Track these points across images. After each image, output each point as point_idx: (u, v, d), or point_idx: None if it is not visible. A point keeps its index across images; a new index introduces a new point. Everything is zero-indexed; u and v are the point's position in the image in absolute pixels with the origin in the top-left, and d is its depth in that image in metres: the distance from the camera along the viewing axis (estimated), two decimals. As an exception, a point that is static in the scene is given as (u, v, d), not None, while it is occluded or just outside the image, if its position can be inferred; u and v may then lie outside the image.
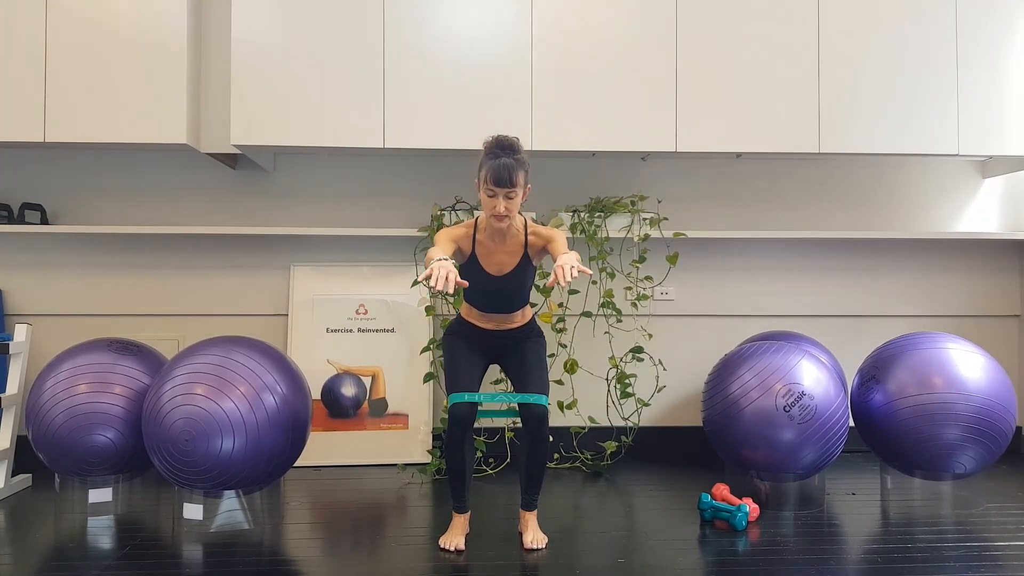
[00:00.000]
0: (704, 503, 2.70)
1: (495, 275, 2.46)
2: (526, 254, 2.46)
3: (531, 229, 2.46)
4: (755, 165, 3.74)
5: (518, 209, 2.39)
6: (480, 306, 2.53)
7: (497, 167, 2.29)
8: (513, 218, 2.39)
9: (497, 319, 2.55)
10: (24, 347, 3.08)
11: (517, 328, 2.57)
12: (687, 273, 3.68)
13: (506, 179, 2.29)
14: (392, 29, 3.19)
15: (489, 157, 2.33)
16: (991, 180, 3.80)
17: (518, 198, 2.34)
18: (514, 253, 2.46)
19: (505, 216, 2.34)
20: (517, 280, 2.47)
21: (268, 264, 3.60)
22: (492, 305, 2.51)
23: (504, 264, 2.46)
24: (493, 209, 2.33)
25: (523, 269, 2.47)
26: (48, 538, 2.53)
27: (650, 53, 3.25)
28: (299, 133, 3.17)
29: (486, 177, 2.31)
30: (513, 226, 2.44)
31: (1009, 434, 2.75)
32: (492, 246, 2.45)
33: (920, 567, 2.27)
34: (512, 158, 2.31)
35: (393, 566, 2.29)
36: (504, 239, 2.44)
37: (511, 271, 2.46)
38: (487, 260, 2.45)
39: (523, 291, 2.52)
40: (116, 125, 3.15)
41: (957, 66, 3.31)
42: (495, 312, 2.53)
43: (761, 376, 2.74)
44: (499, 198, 2.31)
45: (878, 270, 3.74)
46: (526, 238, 2.45)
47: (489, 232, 2.44)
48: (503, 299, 2.50)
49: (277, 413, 2.50)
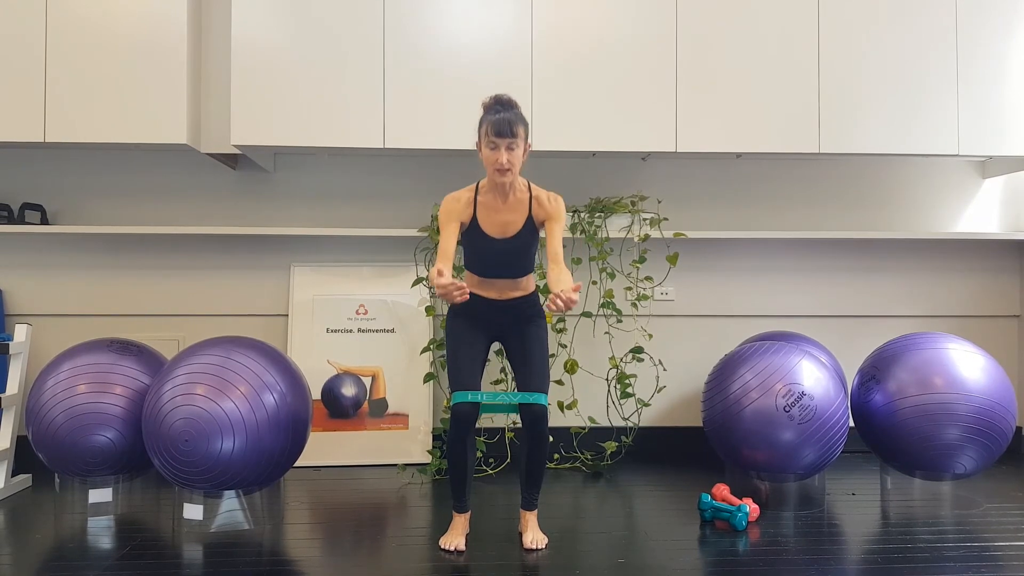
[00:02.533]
0: (704, 503, 2.70)
1: (498, 238, 2.43)
2: (530, 217, 2.44)
3: (535, 192, 2.45)
4: (755, 165, 3.74)
5: (520, 164, 2.39)
6: (483, 272, 2.48)
7: (498, 119, 2.32)
8: (515, 173, 2.38)
9: (500, 286, 2.49)
10: (24, 347, 3.08)
11: (520, 299, 2.51)
12: (687, 273, 3.68)
13: (507, 130, 2.31)
14: (392, 29, 3.19)
15: (489, 113, 2.37)
16: (991, 180, 3.80)
17: (519, 150, 2.36)
18: (518, 213, 2.43)
19: (507, 169, 2.34)
20: (521, 243, 2.44)
21: (268, 264, 3.60)
22: (495, 270, 2.47)
23: (508, 225, 2.43)
24: (496, 162, 2.34)
25: (527, 232, 2.44)
26: (48, 538, 2.53)
27: (650, 53, 3.25)
28: (299, 133, 3.17)
29: (487, 130, 2.34)
30: (516, 187, 2.43)
31: (1009, 434, 2.75)
32: (495, 206, 2.43)
33: (920, 567, 2.27)
34: (511, 112, 2.35)
35: (393, 566, 2.29)
36: (507, 198, 2.43)
37: (515, 234, 2.43)
38: (490, 223, 2.43)
39: (527, 256, 2.47)
40: (116, 125, 3.15)
41: (957, 66, 3.32)
42: (498, 278, 2.48)
43: (761, 376, 2.74)
44: (501, 150, 2.33)
45: (878, 270, 3.74)
46: (530, 201, 2.45)
47: (491, 192, 2.43)
48: (506, 264, 2.46)
49: (277, 413, 2.50)
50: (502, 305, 2.50)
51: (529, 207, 2.44)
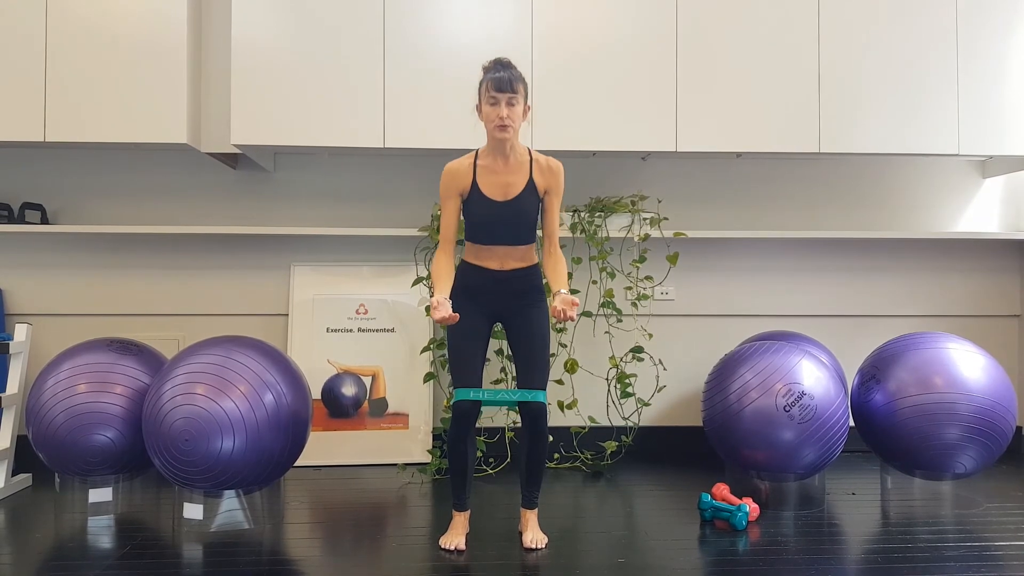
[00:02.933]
0: (704, 503, 2.70)
1: (499, 200, 2.43)
2: (531, 180, 2.45)
3: (534, 155, 2.47)
4: (755, 165, 3.74)
5: (519, 123, 2.40)
6: (484, 238, 2.46)
7: (497, 76, 2.35)
8: (516, 130, 2.39)
9: (501, 254, 2.46)
10: (24, 347, 3.08)
11: (521, 271, 2.49)
12: (687, 273, 3.68)
13: (507, 84, 2.34)
14: (393, 29, 3.19)
15: (489, 72, 2.39)
16: (991, 180, 3.80)
17: (519, 107, 2.37)
18: (519, 175, 2.44)
19: (507, 125, 2.35)
20: (522, 206, 2.43)
21: (268, 264, 3.60)
22: (496, 234, 2.44)
23: (509, 187, 2.43)
24: (496, 118, 2.35)
25: (529, 194, 2.44)
26: (48, 538, 2.53)
27: (650, 53, 3.25)
28: (299, 133, 3.17)
29: (487, 87, 2.36)
30: (516, 149, 2.44)
31: (1009, 434, 2.75)
32: (495, 168, 2.43)
33: (920, 567, 2.27)
34: (511, 71, 2.38)
35: (393, 566, 2.29)
36: (507, 160, 2.43)
37: (516, 196, 2.43)
38: (490, 185, 2.43)
39: (528, 220, 2.46)
40: (116, 125, 3.15)
41: (957, 66, 3.32)
42: (499, 244, 2.46)
43: (761, 376, 2.74)
44: (501, 105, 2.34)
45: (878, 270, 3.74)
46: (531, 164, 2.45)
47: (491, 154, 2.44)
48: (508, 228, 2.44)
49: (277, 413, 2.50)
50: (503, 277, 2.47)
51: (530, 170, 2.45)
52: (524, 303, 2.49)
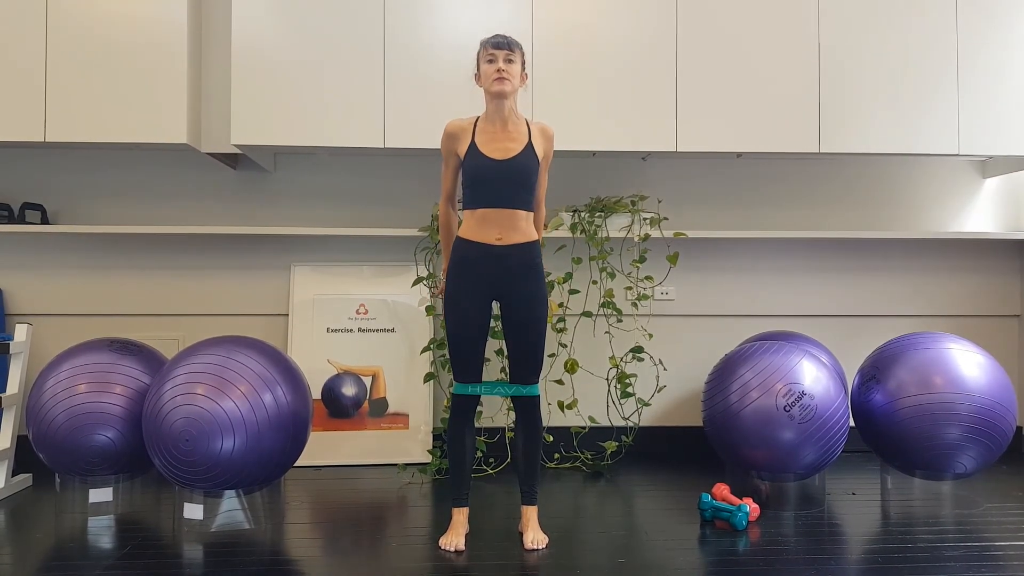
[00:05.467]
0: (704, 503, 2.70)
1: (498, 159, 2.43)
2: (531, 144, 2.47)
3: (531, 123, 2.52)
4: (755, 165, 3.74)
5: (517, 83, 2.44)
6: (483, 200, 2.43)
7: (495, 38, 2.44)
8: (514, 89, 2.43)
9: (501, 223, 2.42)
10: (24, 347, 3.08)
11: (521, 246, 2.45)
12: (687, 273, 3.68)
13: (504, 42, 2.42)
14: (393, 29, 3.19)
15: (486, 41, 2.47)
16: (991, 180, 3.80)
17: (517, 64, 2.43)
18: (517, 138, 2.47)
19: (506, 78, 2.39)
20: (522, 165, 2.44)
21: (268, 264, 3.60)
22: (495, 195, 2.42)
23: (508, 150, 2.45)
24: (494, 72, 2.39)
25: (527, 156, 2.45)
26: (48, 538, 2.53)
27: (650, 52, 3.25)
28: (300, 133, 3.17)
29: (485, 47, 2.44)
30: (515, 115, 2.48)
31: (1009, 434, 2.75)
32: (493, 133, 2.46)
33: (920, 567, 2.27)
34: (508, 38, 2.46)
35: (393, 566, 2.29)
36: (506, 123, 2.46)
37: (515, 155, 2.44)
38: (489, 145, 2.45)
39: (528, 182, 2.45)
40: (116, 125, 3.15)
41: (957, 66, 3.31)
42: (498, 206, 2.42)
43: (761, 376, 2.74)
44: (499, 60, 2.40)
45: (878, 270, 3.74)
46: (529, 131, 2.49)
47: (490, 119, 2.47)
48: (507, 187, 2.42)
49: (277, 413, 2.50)
50: (502, 252, 2.43)
51: (528, 136, 2.48)
52: (524, 284, 2.45)
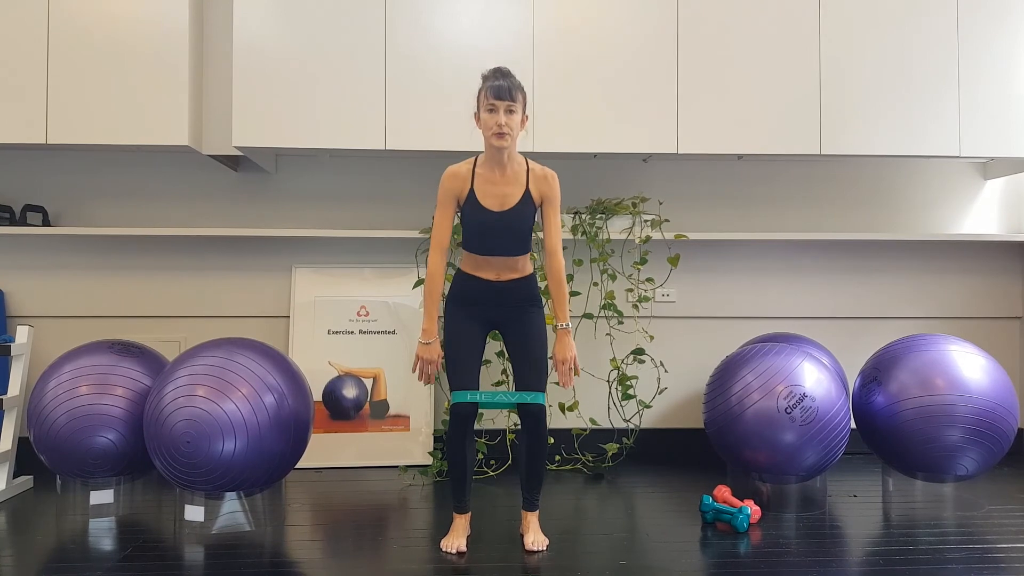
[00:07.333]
0: (706, 505, 2.70)
1: (495, 211, 2.42)
2: (528, 191, 2.44)
3: (532, 166, 2.47)
4: (756, 167, 3.74)
5: (518, 132, 2.40)
6: (480, 248, 2.45)
7: (496, 84, 2.36)
8: (514, 139, 2.40)
9: (497, 265, 2.46)
10: (26, 349, 3.08)
11: (518, 281, 2.49)
12: (688, 275, 3.68)
13: (506, 92, 2.35)
14: (394, 31, 3.19)
15: (488, 80, 2.39)
16: (992, 182, 3.80)
17: (518, 115, 2.38)
18: (515, 186, 2.44)
19: (506, 133, 2.35)
20: (518, 217, 2.43)
21: (269, 266, 3.60)
22: (493, 245, 2.44)
23: (505, 198, 2.43)
24: (494, 125, 2.35)
25: (524, 205, 2.44)
26: (49, 540, 2.53)
27: (651, 55, 3.25)
28: (301, 135, 3.17)
29: (486, 94, 2.37)
30: (514, 159, 2.45)
31: (1011, 436, 2.74)
32: (492, 179, 2.43)
33: (922, 569, 2.27)
34: (510, 80, 2.38)
35: (394, 568, 2.29)
36: (504, 169, 2.43)
37: (512, 207, 2.43)
38: (487, 194, 2.43)
39: (524, 231, 2.45)
40: (118, 127, 3.16)
41: (958, 67, 3.31)
42: (496, 255, 2.45)
43: (762, 378, 2.74)
44: (499, 112, 2.35)
45: (879, 272, 3.74)
46: (527, 174, 2.46)
47: (489, 163, 2.44)
48: (504, 238, 2.44)
49: (278, 415, 2.50)
50: (500, 287, 2.48)
51: (526, 180, 2.45)
52: (521, 311, 2.50)
